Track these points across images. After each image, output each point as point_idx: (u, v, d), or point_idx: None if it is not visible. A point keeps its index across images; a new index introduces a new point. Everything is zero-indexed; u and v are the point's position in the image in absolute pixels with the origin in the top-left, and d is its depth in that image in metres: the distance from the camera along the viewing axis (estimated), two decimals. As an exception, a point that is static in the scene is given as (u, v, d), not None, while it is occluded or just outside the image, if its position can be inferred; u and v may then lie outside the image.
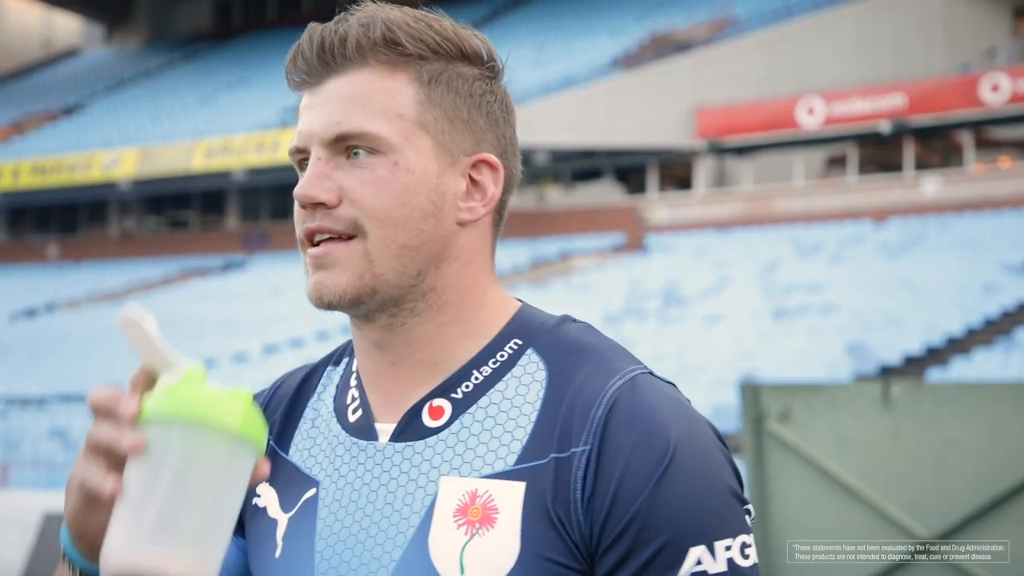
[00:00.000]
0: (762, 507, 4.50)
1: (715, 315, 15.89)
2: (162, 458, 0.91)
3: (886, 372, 12.53)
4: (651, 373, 1.14)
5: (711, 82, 24.75)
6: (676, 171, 25.82)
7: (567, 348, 1.15)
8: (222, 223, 30.92)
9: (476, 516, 1.09)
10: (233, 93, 32.78)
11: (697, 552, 1.06)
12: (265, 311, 20.93)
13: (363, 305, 1.14)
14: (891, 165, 23.79)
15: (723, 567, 1.06)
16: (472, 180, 1.16)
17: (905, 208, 21.84)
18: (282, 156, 25.83)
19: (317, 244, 1.14)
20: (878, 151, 24.17)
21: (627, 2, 29.43)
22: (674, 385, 1.16)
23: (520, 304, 1.21)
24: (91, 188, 29.60)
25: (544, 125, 24.34)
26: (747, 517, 1.11)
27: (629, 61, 26.15)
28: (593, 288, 19.73)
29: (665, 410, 1.10)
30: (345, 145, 1.13)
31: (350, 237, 1.13)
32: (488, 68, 1.18)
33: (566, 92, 24.96)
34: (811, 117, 23.88)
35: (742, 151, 25.07)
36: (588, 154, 25.86)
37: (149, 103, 33.80)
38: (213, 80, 34.49)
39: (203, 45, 38.10)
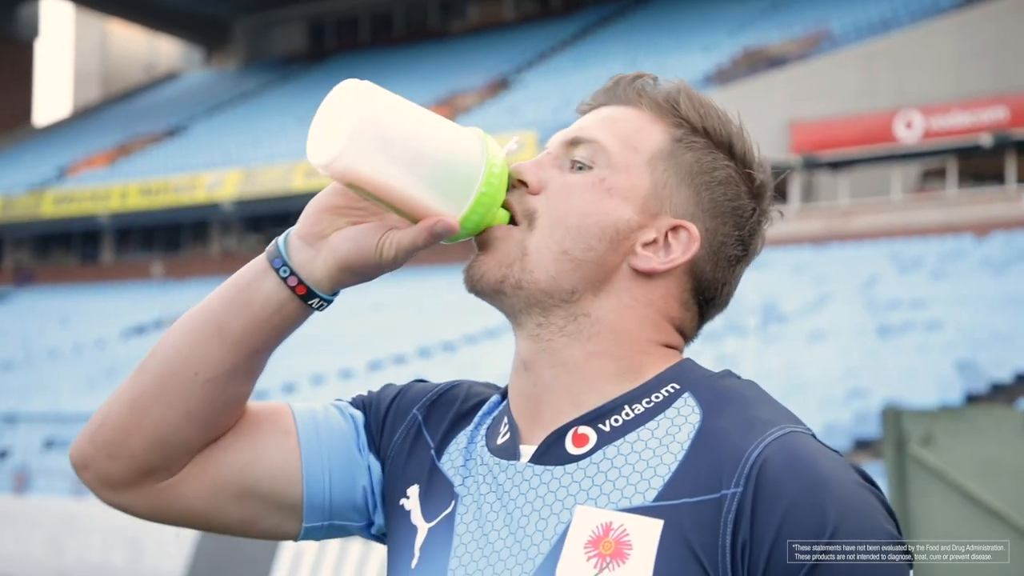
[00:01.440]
0: (904, 530, 4.61)
1: (818, 331, 15.87)
2: None
3: (998, 390, 12.44)
4: (813, 435, 1.12)
5: (806, 97, 24.66)
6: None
7: (727, 398, 1.14)
8: (319, 241, 31.58)
9: (608, 550, 1.07)
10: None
11: None
12: (368, 327, 21.38)
13: (505, 298, 1.16)
14: (991, 178, 23.45)
15: None
16: (666, 240, 1.17)
17: (1007, 222, 21.51)
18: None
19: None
20: (978, 164, 23.85)
21: (720, 18, 29.46)
22: (839, 454, 1.14)
23: (682, 357, 1.21)
24: (195, 208, 30.51)
25: (637, 142, 24.51)
26: (910, 569, 1.08)
27: (722, 77, 26.18)
28: (691, 305, 19.80)
29: (827, 464, 1.07)
30: (574, 150, 1.18)
31: (521, 223, 1.16)
32: (747, 178, 1.20)
33: (660, 109, 25.09)
34: (909, 131, 23.66)
35: (837, 165, 24.92)
36: (681, 170, 25.95)
37: (248, 124, 34.73)
38: (308, 101, 35.28)
39: (298, 67, 39.00)
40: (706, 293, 1.21)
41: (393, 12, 38.41)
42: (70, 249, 35.49)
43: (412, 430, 1.26)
